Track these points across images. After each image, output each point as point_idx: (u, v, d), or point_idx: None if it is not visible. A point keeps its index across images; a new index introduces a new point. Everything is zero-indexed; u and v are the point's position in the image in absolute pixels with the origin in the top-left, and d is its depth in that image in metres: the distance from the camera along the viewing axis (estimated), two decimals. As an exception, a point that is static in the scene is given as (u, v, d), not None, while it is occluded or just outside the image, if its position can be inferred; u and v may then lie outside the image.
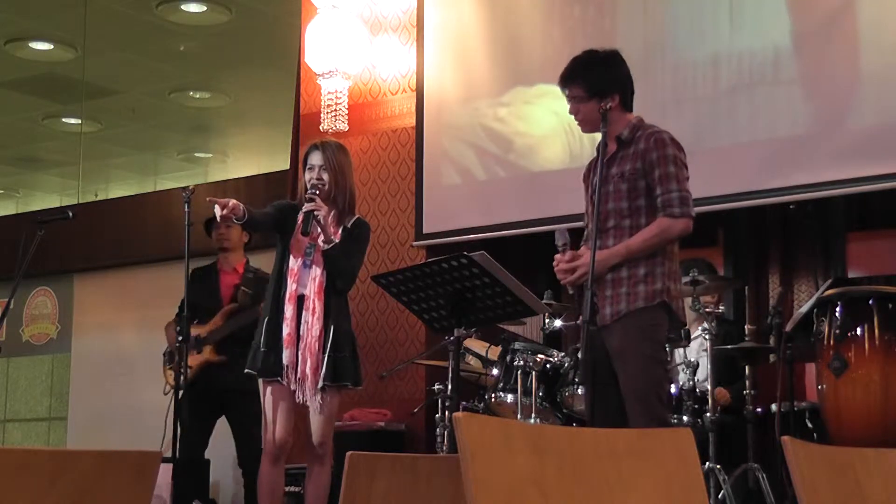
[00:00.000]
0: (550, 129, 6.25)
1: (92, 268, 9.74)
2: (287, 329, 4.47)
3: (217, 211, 4.32)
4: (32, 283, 9.94)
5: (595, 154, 4.11)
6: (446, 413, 5.42)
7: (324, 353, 4.48)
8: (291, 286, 4.51)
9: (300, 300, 4.51)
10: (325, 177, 4.59)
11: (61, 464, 1.75)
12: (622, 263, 3.88)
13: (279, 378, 4.48)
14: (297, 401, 4.51)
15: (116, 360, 9.41)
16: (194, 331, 6.02)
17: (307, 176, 4.62)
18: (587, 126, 4.11)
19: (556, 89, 4.18)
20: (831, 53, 5.50)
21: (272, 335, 4.51)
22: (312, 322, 4.47)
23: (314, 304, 4.49)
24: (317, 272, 4.52)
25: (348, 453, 2.43)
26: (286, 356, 4.46)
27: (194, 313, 6.12)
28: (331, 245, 4.51)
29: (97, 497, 1.78)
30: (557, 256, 3.98)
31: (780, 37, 5.61)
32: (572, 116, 4.11)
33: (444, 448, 5.38)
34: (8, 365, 10.46)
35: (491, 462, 1.57)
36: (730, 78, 5.72)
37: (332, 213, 4.59)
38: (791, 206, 5.94)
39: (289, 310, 4.49)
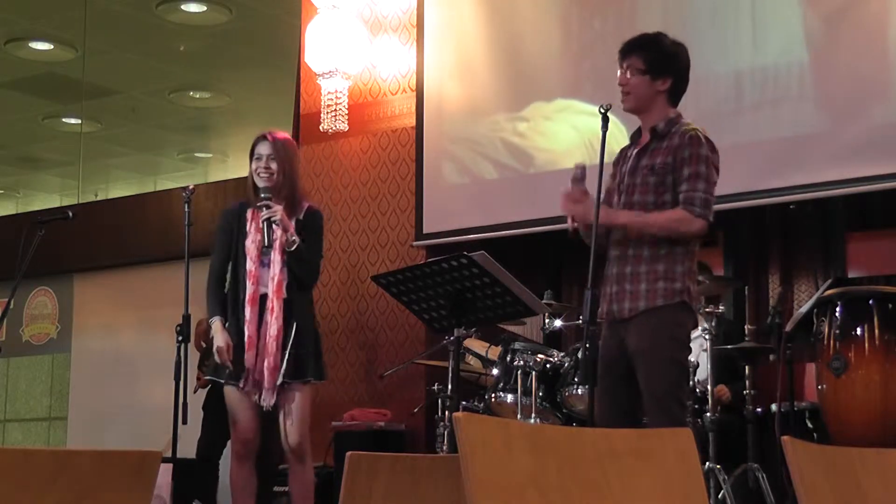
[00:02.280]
0: (564, 135, 6.18)
1: (92, 268, 9.74)
2: (248, 332, 4.42)
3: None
4: (32, 283, 9.95)
5: (629, 142, 4.08)
6: (446, 413, 5.42)
7: (284, 349, 4.43)
8: (250, 288, 4.45)
9: (262, 300, 4.46)
10: (273, 166, 4.55)
11: (61, 464, 1.75)
12: (628, 231, 3.83)
13: (240, 383, 4.43)
14: (264, 404, 4.43)
15: (116, 360, 9.42)
16: None
17: (253, 165, 4.60)
18: (630, 102, 3.98)
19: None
20: (834, 56, 5.50)
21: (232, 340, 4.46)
22: (271, 321, 4.43)
23: (273, 304, 4.44)
24: (275, 271, 4.46)
25: (348, 453, 2.42)
26: (247, 359, 4.41)
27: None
28: (295, 246, 4.46)
29: (97, 497, 1.77)
30: (564, 189, 3.90)
31: (783, 40, 5.61)
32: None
33: (444, 448, 5.37)
34: (8, 365, 10.47)
35: (491, 462, 1.57)
36: (734, 80, 5.71)
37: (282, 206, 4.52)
38: (791, 206, 5.94)
39: (248, 312, 4.44)
